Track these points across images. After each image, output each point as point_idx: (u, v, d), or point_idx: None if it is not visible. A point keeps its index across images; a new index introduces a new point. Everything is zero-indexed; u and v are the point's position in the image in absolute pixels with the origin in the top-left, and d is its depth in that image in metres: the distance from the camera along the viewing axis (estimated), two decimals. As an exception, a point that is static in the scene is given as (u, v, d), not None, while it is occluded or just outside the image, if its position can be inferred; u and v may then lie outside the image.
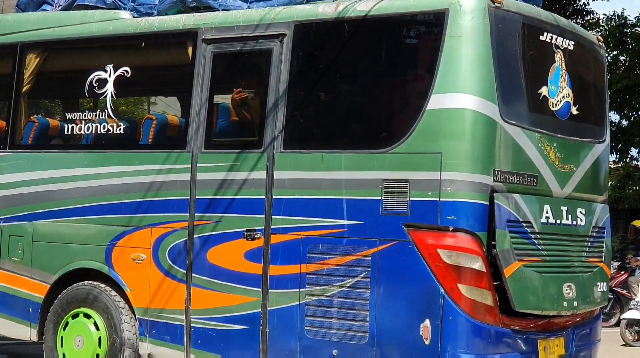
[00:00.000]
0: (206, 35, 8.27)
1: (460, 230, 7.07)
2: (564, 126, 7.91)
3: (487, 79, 7.14)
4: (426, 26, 7.50)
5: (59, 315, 8.78)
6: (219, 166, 8.07)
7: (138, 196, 8.48)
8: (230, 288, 7.95)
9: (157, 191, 8.38)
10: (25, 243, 9.10)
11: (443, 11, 7.21)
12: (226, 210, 8.01)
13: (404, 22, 7.54)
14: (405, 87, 7.66)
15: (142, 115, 9.03)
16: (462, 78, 7.13)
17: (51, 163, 9.09)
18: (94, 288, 8.65)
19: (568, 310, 7.76)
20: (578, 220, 7.99)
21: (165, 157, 8.41)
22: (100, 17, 9.10)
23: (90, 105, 9.24)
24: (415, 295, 7.17)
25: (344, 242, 7.44)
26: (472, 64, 7.14)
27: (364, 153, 7.44)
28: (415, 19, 7.49)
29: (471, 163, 7.07)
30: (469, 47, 7.14)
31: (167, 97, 9.51)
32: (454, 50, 7.14)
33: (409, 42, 7.69)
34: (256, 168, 7.85)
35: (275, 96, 7.84)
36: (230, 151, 8.07)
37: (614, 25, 24.91)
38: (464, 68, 7.14)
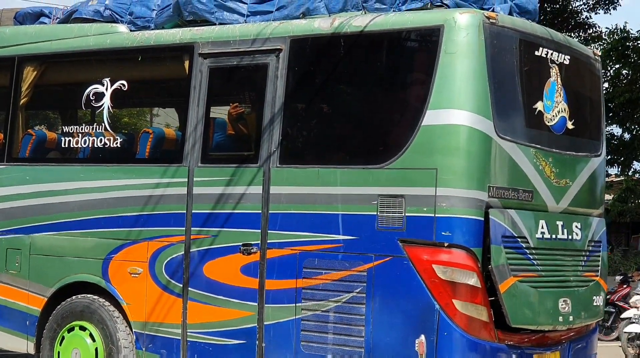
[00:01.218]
0: (203, 49, 8.29)
1: (455, 246, 7.08)
2: (559, 141, 7.93)
3: (482, 95, 7.16)
4: (421, 42, 7.52)
5: (55, 328, 8.80)
6: (215, 180, 8.08)
7: (135, 210, 8.49)
8: (227, 302, 7.96)
9: (154, 205, 8.39)
10: (23, 256, 9.12)
11: (438, 27, 7.22)
12: (222, 224, 8.02)
13: (399, 38, 7.56)
14: (400, 103, 7.67)
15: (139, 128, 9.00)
16: (457, 94, 7.15)
17: (48, 176, 9.11)
18: (90, 302, 8.66)
19: (564, 324, 7.77)
20: (574, 235, 8.00)
21: (162, 171, 8.43)
22: (97, 31, 9.12)
23: (87, 118, 9.24)
24: (410, 311, 7.18)
25: (340, 257, 7.46)
26: (467, 80, 7.16)
27: (359, 168, 7.46)
28: (411, 35, 7.50)
29: (466, 178, 7.09)
30: (464, 64, 7.16)
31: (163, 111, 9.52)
32: (449, 66, 7.16)
33: (405, 58, 7.69)
34: (252, 182, 7.87)
35: (271, 111, 7.86)
36: (226, 165, 8.09)
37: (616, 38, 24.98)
38: (458, 84, 7.15)
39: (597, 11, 25.71)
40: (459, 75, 7.15)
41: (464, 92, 7.14)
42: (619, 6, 25.72)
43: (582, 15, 25.30)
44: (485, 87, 7.17)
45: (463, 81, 7.15)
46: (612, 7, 25.75)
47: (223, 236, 8.01)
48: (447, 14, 7.31)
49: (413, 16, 7.47)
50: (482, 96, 7.16)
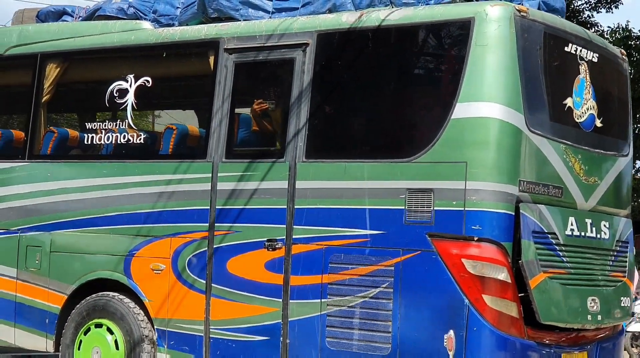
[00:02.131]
0: (228, 44, 8.25)
1: (485, 240, 6.99)
2: (588, 138, 7.86)
3: (513, 88, 7.09)
4: (451, 35, 7.45)
5: (76, 326, 8.71)
6: (239, 175, 8.01)
7: (158, 206, 8.43)
8: (250, 298, 7.87)
9: (177, 201, 8.33)
10: (43, 254, 9.05)
11: (469, 20, 7.17)
12: (247, 220, 7.95)
13: (429, 31, 7.51)
14: (429, 96, 7.60)
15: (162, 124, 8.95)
16: (488, 87, 7.08)
17: (70, 173, 9.06)
18: (111, 299, 8.58)
19: (592, 323, 7.67)
20: (602, 233, 7.91)
21: (186, 167, 8.37)
22: (122, 28, 9.09)
23: (111, 115, 9.20)
24: (439, 306, 7.08)
25: (367, 252, 7.37)
26: (498, 73, 7.09)
27: (387, 162, 7.38)
28: (441, 27, 7.44)
29: (497, 172, 7.01)
30: (495, 56, 7.09)
31: (188, 106, 9.47)
32: (480, 59, 7.10)
33: (434, 51, 7.66)
34: (278, 177, 7.80)
35: (297, 105, 7.80)
36: (251, 160, 8.02)
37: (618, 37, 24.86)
38: (489, 77, 7.09)
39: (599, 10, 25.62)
40: (489, 67, 7.09)
41: (495, 85, 7.07)
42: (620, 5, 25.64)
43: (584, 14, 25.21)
44: (517, 80, 7.10)
45: (494, 73, 7.08)
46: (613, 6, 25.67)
47: (247, 231, 7.93)
48: (477, 6, 7.26)
49: (443, 9, 7.43)
50: (514, 88, 7.09)
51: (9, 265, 9.26)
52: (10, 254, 9.25)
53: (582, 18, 25.23)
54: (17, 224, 9.26)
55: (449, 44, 7.53)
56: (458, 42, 7.31)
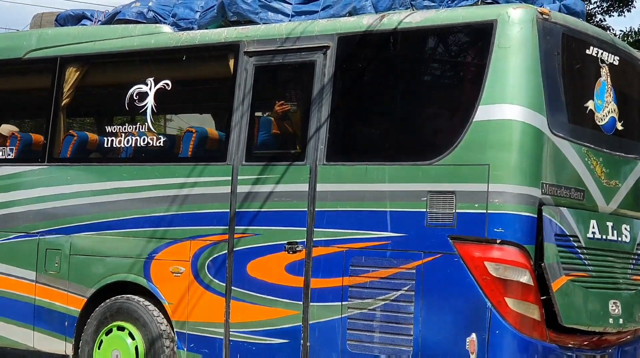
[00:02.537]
0: (248, 47, 8.26)
1: (507, 243, 6.97)
2: (609, 141, 7.84)
3: (535, 90, 7.08)
4: (474, 37, 7.44)
5: (96, 329, 8.71)
6: (259, 178, 8.01)
7: (177, 209, 8.43)
8: (271, 301, 7.86)
9: (197, 204, 8.33)
10: (62, 257, 9.06)
11: (491, 22, 7.16)
12: (267, 223, 7.94)
13: (451, 34, 7.50)
14: (451, 99, 7.60)
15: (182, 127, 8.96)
16: (511, 89, 7.07)
17: (90, 176, 9.07)
18: (131, 302, 8.58)
19: (614, 327, 7.63)
20: (623, 236, 7.89)
21: (205, 170, 8.37)
22: (142, 31, 9.11)
23: (130, 118, 9.21)
24: (461, 309, 7.06)
25: (388, 255, 7.36)
26: (520, 75, 7.08)
27: (408, 165, 7.37)
28: (463, 30, 7.44)
29: (520, 174, 6.99)
30: (517, 58, 7.08)
31: (207, 109, 9.49)
32: (502, 61, 7.08)
33: (456, 53, 7.65)
34: (298, 180, 7.80)
35: (318, 108, 7.80)
36: (271, 163, 8.01)
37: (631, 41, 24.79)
38: (512, 79, 7.08)
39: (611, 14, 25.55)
40: (512, 69, 7.08)
41: (517, 87, 7.06)
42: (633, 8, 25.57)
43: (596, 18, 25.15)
44: (539, 82, 7.09)
45: (516, 75, 7.07)
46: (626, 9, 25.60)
47: (267, 234, 7.93)
48: (500, 8, 7.25)
49: (465, 12, 7.42)
50: (536, 91, 7.08)
51: (28, 268, 9.27)
52: (30, 257, 9.26)
53: (594, 22, 25.16)
54: (36, 227, 9.28)
55: (471, 46, 7.52)
56: (480, 45, 7.30)
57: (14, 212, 9.43)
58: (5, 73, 10.06)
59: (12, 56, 9.80)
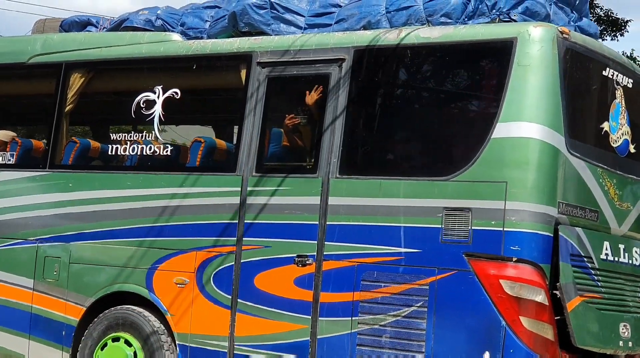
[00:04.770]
0: (261, 58, 8.19)
1: (523, 261, 6.92)
2: (622, 163, 7.83)
3: (554, 109, 7.06)
4: (493, 54, 7.40)
5: (95, 339, 8.56)
6: (270, 190, 7.93)
7: (183, 219, 8.32)
8: (278, 315, 7.76)
9: (204, 215, 8.23)
10: (62, 265, 8.91)
11: (511, 40, 7.14)
12: (276, 235, 7.85)
13: (470, 50, 7.44)
14: (469, 115, 7.57)
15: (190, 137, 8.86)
16: (530, 107, 7.04)
17: (92, 183, 8.93)
18: (132, 312, 8.45)
19: (624, 350, 7.59)
20: (634, 259, 7.88)
21: (214, 180, 8.29)
22: (151, 39, 9.02)
23: (136, 126, 9.10)
24: (474, 327, 6.99)
25: (401, 270, 7.28)
26: (540, 93, 7.05)
27: (424, 180, 7.31)
28: (482, 47, 7.39)
29: (537, 193, 6.95)
30: (537, 76, 7.06)
31: (217, 119, 9.40)
32: (522, 79, 7.06)
33: (475, 70, 7.60)
34: (310, 193, 7.72)
35: (331, 121, 7.73)
36: (282, 175, 7.93)
37: None
38: (531, 97, 7.05)
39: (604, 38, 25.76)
40: (531, 88, 7.05)
41: (536, 105, 7.03)
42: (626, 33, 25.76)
43: (589, 42, 25.40)
44: (558, 101, 7.07)
45: (536, 93, 7.05)
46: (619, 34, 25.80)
47: (276, 247, 7.84)
48: (520, 26, 7.23)
49: (484, 29, 7.40)
50: (555, 110, 7.06)
51: (25, 276, 9.11)
52: (27, 264, 9.11)
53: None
54: (35, 234, 9.13)
55: (490, 64, 7.49)
56: (499, 62, 7.26)
57: (13, 218, 9.28)
58: (8, 77, 9.94)
59: (15, 60, 9.66)
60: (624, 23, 24.63)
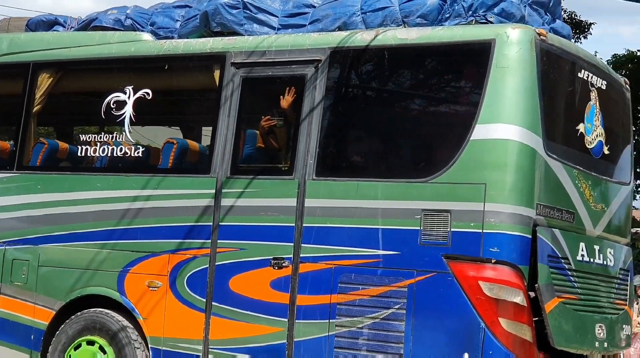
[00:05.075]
0: (235, 59, 8.11)
1: (502, 263, 6.92)
2: (597, 165, 7.88)
3: (532, 110, 7.07)
4: (471, 56, 7.38)
5: (64, 343, 8.42)
6: (245, 192, 7.85)
7: (156, 221, 8.22)
8: (254, 317, 7.68)
9: (177, 217, 8.13)
10: (30, 268, 8.76)
11: (490, 42, 7.13)
12: (252, 237, 7.78)
13: (448, 52, 7.42)
14: (448, 117, 7.55)
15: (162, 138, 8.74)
16: (508, 109, 7.04)
17: (62, 185, 8.79)
18: (103, 315, 8.32)
19: (599, 350, 7.64)
20: (608, 260, 7.92)
21: (187, 182, 8.20)
22: (121, 39, 8.90)
23: (106, 127, 8.97)
24: (454, 328, 6.98)
25: (379, 272, 7.25)
26: (518, 95, 7.06)
27: (402, 182, 7.28)
28: (461, 48, 7.37)
29: (516, 195, 6.95)
30: (515, 78, 7.06)
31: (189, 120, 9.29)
32: (500, 80, 7.06)
33: (453, 71, 7.59)
34: (286, 194, 7.65)
35: (308, 122, 7.68)
36: (258, 177, 7.86)
37: None
38: (510, 99, 7.05)
39: (568, 40, 26.06)
40: (510, 90, 7.05)
41: (515, 107, 7.04)
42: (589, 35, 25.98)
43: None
44: (536, 103, 7.08)
45: (514, 95, 7.05)
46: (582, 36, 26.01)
47: (252, 249, 7.76)
48: (498, 28, 7.23)
49: (462, 30, 7.39)
50: (533, 111, 7.07)
51: (-8, 279, 8.95)
52: (-6, 267, 8.95)
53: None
54: (2, 237, 8.97)
55: (469, 65, 7.45)
56: (478, 64, 7.24)
57: (-22, 220, 9.11)
58: (-26, 77, 9.75)
59: (-19, 59, 9.49)
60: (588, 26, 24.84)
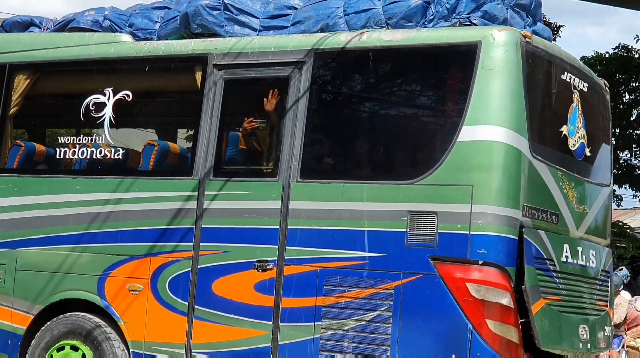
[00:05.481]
0: (217, 60, 8.05)
1: (489, 264, 6.92)
2: (579, 167, 7.92)
3: (518, 112, 7.08)
4: (457, 58, 7.38)
5: (43, 348, 8.30)
6: (228, 194, 7.79)
7: (137, 224, 8.13)
8: (237, 321, 7.63)
9: (158, 219, 8.04)
10: (7, 272, 8.63)
11: (475, 43, 7.14)
12: (235, 240, 7.72)
13: (434, 54, 7.41)
14: (434, 119, 7.56)
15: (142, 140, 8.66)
16: (494, 111, 7.05)
17: (40, 188, 8.67)
18: (83, 320, 8.22)
19: (583, 351, 7.67)
20: (590, 262, 7.95)
21: (169, 184, 8.13)
22: (100, 40, 8.80)
23: (85, 129, 8.87)
24: (441, 330, 6.97)
25: (365, 274, 7.22)
26: (504, 97, 7.07)
27: (388, 184, 7.27)
28: (446, 50, 7.36)
29: (503, 196, 6.96)
30: (501, 80, 7.07)
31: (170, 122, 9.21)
32: (487, 82, 7.06)
33: (438, 73, 7.57)
34: (270, 197, 7.60)
35: (292, 124, 7.64)
36: (241, 179, 7.82)
37: None
38: (496, 101, 7.06)
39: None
40: (496, 91, 7.06)
41: (501, 109, 7.05)
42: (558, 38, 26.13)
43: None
44: (522, 105, 7.10)
45: (501, 97, 7.06)
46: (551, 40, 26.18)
47: (235, 252, 7.70)
48: (484, 30, 7.24)
49: (448, 32, 7.39)
50: (519, 113, 7.08)
51: (-33, 283, 8.80)
52: (-30, 271, 8.80)
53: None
54: (-22, 240, 8.83)
55: (454, 67, 7.45)
56: (464, 65, 7.24)
57: (-47, 224, 8.95)
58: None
59: (-45, 61, 9.33)
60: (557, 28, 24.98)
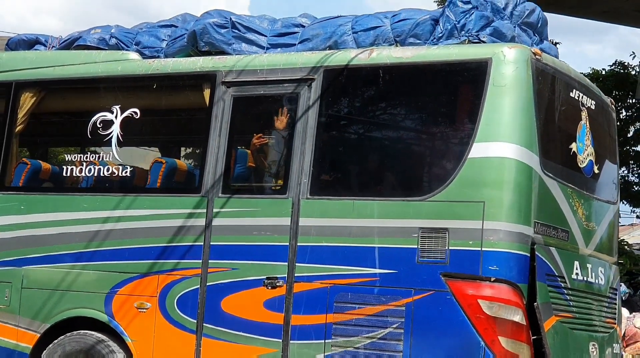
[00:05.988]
0: (226, 78, 8.06)
1: (501, 281, 6.90)
2: (588, 184, 7.93)
3: (529, 129, 7.10)
4: (468, 75, 7.39)
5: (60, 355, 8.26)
6: (237, 211, 7.78)
7: (145, 242, 8.11)
8: (247, 338, 7.59)
9: (166, 237, 8.02)
10: (14, 290, 8.59)
11: (486, 60, 7.16)
12: (245, 257, 7.70)
13: (444, 71, 7.42)
14: (445, 136, 7.55)
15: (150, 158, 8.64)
16: (506, 127, 7.06)
17: (46, 206, 8.65)
18: (90, 338, 8.18)
19: (593, 369, 7.65)
20: (599, 279, 7.95)
21: (177, 201, 8.10)
22: (107, 58, 8.81)
23: (92, 147, 8.85)
24: (453, 347, 6.94)
25: (376, 291, 7.20)
26: (515, 114, 7.08)
27: (399, 201, 7.26)
28: (457, 67, 7.37)
29: (515, 213, 6.96)
30: (512, 97, 7.08)
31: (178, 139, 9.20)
32: (497, 99, 7.08)
33: (449, 90, 7.56)
34: (280, 213, 7.59)
35: (301, 141, 7.63)
36: (250, 196, 7.81)
37: None
38: (507, 117, 7.07)
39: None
40: (507, 108, 7.07)
41: (512, 126, 7.06)
42: None
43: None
44: (532, 121, 7.11)
45: (512, 114, 7.07)
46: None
47: (244, 269, 7.68)
48: (494, 47, 7.26)
49: (458, 49, 7.40)
50: (530, 130, 7.09)
51: (-27, 301, 8.76)
52: (-25, 290, 8.76)
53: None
54: (-17, 258, 8.79)
55: (465, 84, 7.46)
56: (474, 82, 7.25)
57: (-41, 242, 8.91)
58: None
59: (-40, 79, 9.33)
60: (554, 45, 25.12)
